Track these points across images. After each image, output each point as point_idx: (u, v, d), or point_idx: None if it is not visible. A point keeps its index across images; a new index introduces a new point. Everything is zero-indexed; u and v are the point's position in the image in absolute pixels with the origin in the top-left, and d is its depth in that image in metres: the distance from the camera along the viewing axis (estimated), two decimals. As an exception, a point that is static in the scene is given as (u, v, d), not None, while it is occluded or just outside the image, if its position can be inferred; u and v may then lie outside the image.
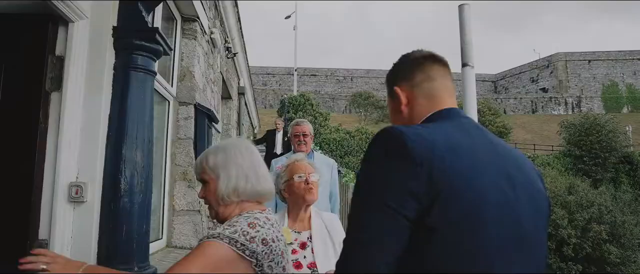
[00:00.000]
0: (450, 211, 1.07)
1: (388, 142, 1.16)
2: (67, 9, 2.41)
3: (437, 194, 1.07)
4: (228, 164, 1.68)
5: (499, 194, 1.14)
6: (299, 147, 4.22)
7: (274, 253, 1.58)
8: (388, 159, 1.13)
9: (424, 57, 1.43)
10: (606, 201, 19.56)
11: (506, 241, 1.12)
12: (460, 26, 4.65)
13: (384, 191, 1.10)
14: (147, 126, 2.67)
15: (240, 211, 1.67)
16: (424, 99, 1.38)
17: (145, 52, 2.67)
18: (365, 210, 1.13)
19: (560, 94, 66.58)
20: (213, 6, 5.98)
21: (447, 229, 1.07)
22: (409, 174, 1.08)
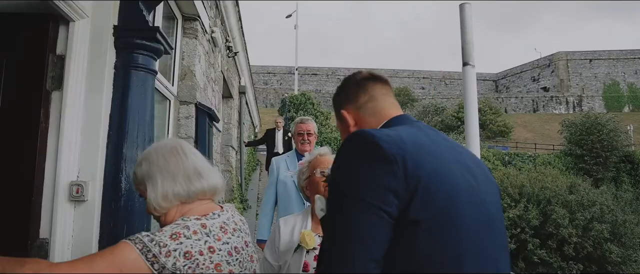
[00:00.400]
0: (430, 203, 1.14)
1: (362, 144, 1.21)
2: (68, 8, 2.41)
3: (414, 189, 1.13)
4: (151, 171, 1.60)
5: (466, 184, 1.24)
6: (302, 146, 4.07)
7: (202, 267, 1.45)
8: (365, 160, 1.17)
9: (364, 79, 1.53)
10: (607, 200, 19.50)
11: (479, 225, 1.22)
12: (461, 25, 4.64)
13: (365, 190, 1.13)
14: (148, 125, 2.67)
15: (181, 214, 1.58)
16: (371, 117, 1.47)
17: (146, 51, 2.67)
18: (349, 210, 1.15)
19: (561, 93, 66.54)
20: (214, 5, 5.97)
21: (430, 221, 1.13)
22: (387, 172, 1.14)
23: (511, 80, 76.81)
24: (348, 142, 1.26)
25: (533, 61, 74.27)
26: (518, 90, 73.51)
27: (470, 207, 1.21)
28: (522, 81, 74.68)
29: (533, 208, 18.22)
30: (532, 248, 17.44)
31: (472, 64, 4.55)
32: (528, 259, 17.69)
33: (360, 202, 1.13)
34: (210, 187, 1.65)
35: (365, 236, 1.12)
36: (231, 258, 1.55)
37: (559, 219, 17.55)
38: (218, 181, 1.70)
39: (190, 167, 1.62)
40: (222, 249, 1.53)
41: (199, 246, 1.47)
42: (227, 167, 9.85)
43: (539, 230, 17.76)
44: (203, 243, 1.48)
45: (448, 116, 48.42)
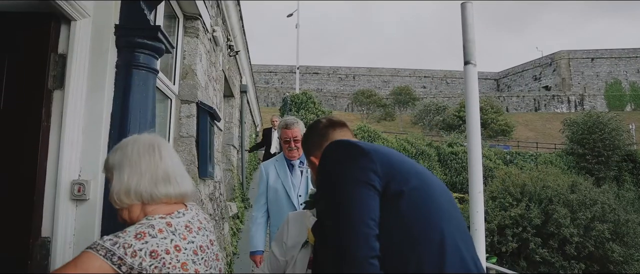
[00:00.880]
0: (407, 181, 1.46)
1: (341, 145, 1.59)
2: (69, 7, 2.41)
3: (390, 173, 1.46)
4: (123, 162, 1.58)
5: (430, 175, 1.59)
6: (289, 153, 3.70)
7: (169, 266, 1.44)
8: (348, 155, 1.51)
9: (325, 127, 1.89)
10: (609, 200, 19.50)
11: (447, 203, 1.52)
12: (463, 24, 4.64)
13: (354, 172, 1.45)
14: (149, 124, 2.67)
15: (145, 214, 1.56)
16: None
17: (148, 50, 2.67)
18: (348, 188, 1.43)
19: (563, 92, 66.46)
20: (215, 4, 5.97)
21: (410, 191, 1.44)
22: (367, 161, 1.47)
23: (513, 79, 76.72)
24: (329, 148, 1.60)
25: (535, 60, 74.16)
26: (519, 89, 73.42)
27: (439, 188, 1.55)
28: (524, 79, 74.59)
29: (535, 207, 18.22)
30: (534, 247, 17.43)
31: (474, 63, 4.55)
32: (530, 258, 17.67)
33: (353, 180, 1.43)
34: (177, 194, 1.62)
35: (363, 202, 1.39)
36: (196, 257, 1.54)
37: (560, 219, 17.54)
38: (188, 189, 1.67)
39: (160, 170, 1.60)
40: (188, 248, 1.52)
41: (165, 245, 1.46)
42: (229, 166, 9.85)
43: (540, 229, 17.74)
44: (169, 241, 1.47)
45: (449, 115, 48.42)
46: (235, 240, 7.48)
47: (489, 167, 27.10)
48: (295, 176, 3.70)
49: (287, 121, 3.74)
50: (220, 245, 5.13)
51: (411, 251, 1.37)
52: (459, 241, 1.44)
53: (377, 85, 72.04)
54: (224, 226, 5.77)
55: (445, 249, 1.38)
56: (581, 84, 67.72)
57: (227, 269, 5.43)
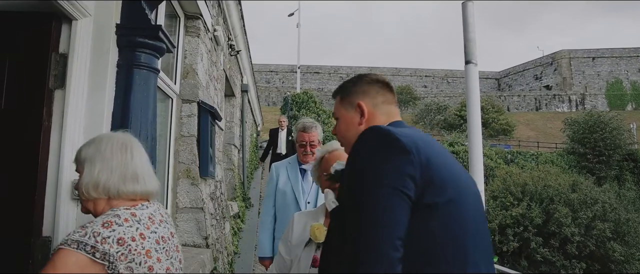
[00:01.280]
0: (443, 191, 1.29)
1: (382, 137, 1.35)
2: (70, 7, 2.41)
3: (429, 178, 1.28)
4: (95, 157, 1.65)
5: (467, 176, 1.44)
6: (304, 158, 3.56)
7: (134, 253, 1.51)
8: (385, 150, 1.31)
9: (381, 83, 1.70)
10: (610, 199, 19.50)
11: (478, 211, 1.40)
12: (464, 24, 4.64)
13: (389, 176, 1.26)
14: (150, 124, 2.67)
15: (110, 207, 1.63)
16: (383, 116, 1.63)
17: (149, 50, 2.67)
18: (373, 192, 1.26)
19: (564, 91, 66.38)
20: (216, 4, 5.97)
21: (443, 205, 1.28)
22: (405, 160, 1.28)
23: (514, 78, 76.64)
24: (367, 136, 1.38)
25: (536, 59, 74.06)
26: (520, 88, 73.31)
27: (472, 198, 1.38)
28: (525, 79, 74.49)
29: (536, 207, 18.22)
30: (535, 246, 17.43)
31: (475, 62, 4.55)
32: (531, 257, 17.68)
33: (385, 187, 1.25)
34: (143, 192, 1.70)
35: (392, 217, 1.23)
36: (159, 246, 1.63)
37: (561, 218, 17.53)
38: (153, 188, 1.74)
39: (130, 169, 1.67)
40: (151, 237, 1.61)
41: (131, 233, 1.54)
42: (230, 166, 9.86)
43: (541, 228, 17.75)
44: (134, 229, 1.55)
45: (450, 114, 48.37)
46: (237, 240, 7.48)
47: (490, 167, 27.06)
48: (307, 182, 3.52)
49: (305, 123, 3.60)
50: (221, 244, 5.14)
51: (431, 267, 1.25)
52: (480, 261, 1.34)
53: (378, 84, 71.87)
54: (225, 226, 5.77)
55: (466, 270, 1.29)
56: (582, 84, 67.63)
57: (229, 268, 5.43)
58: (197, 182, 4.30)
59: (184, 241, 4.17)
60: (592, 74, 68.28)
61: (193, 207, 4.24)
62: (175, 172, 4.30)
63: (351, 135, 1.60)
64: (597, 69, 68.35)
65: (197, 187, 4.29)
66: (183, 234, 4.18)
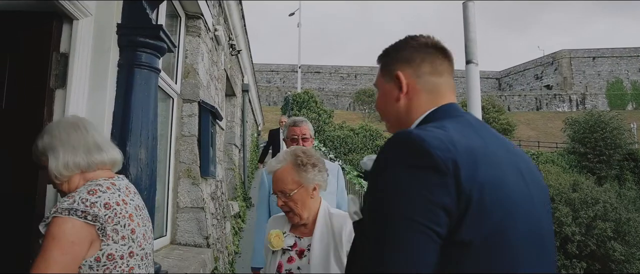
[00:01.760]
0: (482, 223, 0.99)
1: (411, 151, 1.03)
2: (71, 6, 2.41)
3: (466, 206, 0.98)
4: (53, 143, 1.73)
5: (521, 193, 1.09)
6: None
7: (119, 216, 1.65)
8: (413, 171, 1.01)
9: (434, 47, 1.30)
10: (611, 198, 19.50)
11: (532, 245, 1.07)
12: (465, 23, 4.64)
13: (416, 209, 0.98)
14: (151, 123, 2.67)
15: (85, 181, 1.73)
16: (427, 93, 1.26)
17: (149, 50, 2.67)
18: (392, 227, 1.00)
19: (564, 91, 66.39)
20: (217, 4, 5.97)
21: (481, 243, 0.99)
22: (439, 186, 0.98)
23: (514, 78, 76.64)
24: (394, 147, 1.08)
25: (536, 59, 74.08)
26: (521, 88, 73.33)
27: (525, 225, 1.06)
28: (525, 79, 74.50)
29: (536, 206, 18.20)
30: (535, 246, 17.41)
31: (476, 62, 4.55)
32: (531, 257, 17.67)
33: (410, 222, 0.98)
34: (110, 159, 1.82)
35: (415, 260, 0.98)
36: (137, 212, 1.77)
37: (562, 217, 17.54)
38: (117, 155, 1.87)
39: (90, 141, 1.77)
40: (131, 203, 1.76)
41: (115, 198, 1.68)
42: (231, 165, 9.86)
43: (542, 228, 17.74)
44: (117, 196, 1.70)
45: (451, 114, 48.24)
46: (237, 239, 7.49)
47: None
48: None
49: (295, 119, 3.48)
50: (222, 244, 5.14)
51: None
52: None
53: (378, 84, 71.92)
54: (225, 225, 5.77)
55: None
56: (583, 83, 67.63)
57: (229, 268, 5.43)
58: (198, 182, 4.30)
59: (185, 240, 4.17)
60: (592, 73, 68.28)
61: (194, 207, 4.23)
62: (176, 172, 4.30)
63: (390, 112, 1.32)
64: (597, 68, 68.35)
65: (198, 187, 4.29)
66: (184, 233, 4.18)
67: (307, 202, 2.10)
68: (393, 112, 1.31)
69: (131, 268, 1.68)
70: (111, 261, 1.61)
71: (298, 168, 2.08)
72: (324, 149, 19.57)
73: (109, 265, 1.61)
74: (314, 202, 2.14)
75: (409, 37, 1.34)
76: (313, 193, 2.12)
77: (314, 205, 2.14)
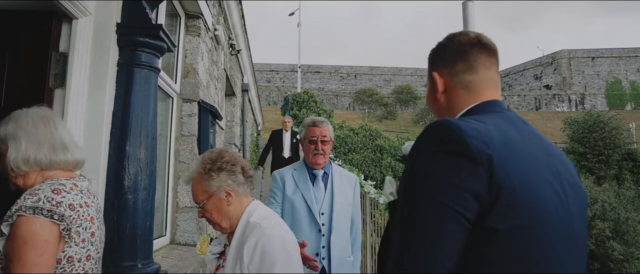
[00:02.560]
0: (511, 213, 1.02)
1: (447, 138, 1.07)
2: (71, 6, 2.41)
3: (497, 195, 1.01)
4: (17, 133, 1.65)
5: (553, 194, 1.10)
6: (314, 158, 3.00)
7: (82, 218, 1.60)
8: (447, 156, 1.05)
9: (470, 44, 1.32)
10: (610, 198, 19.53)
11: (560, 244, 1.09)
12: (464, 23, 4.64)
13: (444, 191, 1.02)
14: (150, 123, 2.67)
15: (43, 179, 1.65)
16: (463, 90, 1.30)
17: (149, 49, 2.67)
18: (423, 211, 1.03)
19: (563, 91, 66.43)
20: (217, 3, 5.97)
21: (509, 232, 1.02)
22: (470, 173, 1.02)
23: (514, 78, 76.68)
24: (430, 134, 1.11)
25: (536, 59, 74.15)
26: (521, 88, 73.38)
27: (554, 225, 1.08)
28: (525, 78, 74.56)
29: (535, 206, 18.20)
30: (534, 245, 17.41)
31: (475, 61, 4.55)
32: (530, 257, 17.68)
33: (441, 205, 1.01)
34: (74, 160, 1.74)
35: (444, 242, 1.01)
36: (97, 215, 1.74)
37: (561, 217, 17.54)
38: (80, 157, 1.78)
39: (57, 139, 1.69)
40: (92, 205, 1.71)
41: (79, 200, 1.63)
42: (230, 165, 9.82)
43: (541, 228, 17.75)
44: (80, 197, 1.64)
45: (450, 113, 48.26)
46: (236, 239, 7.47)
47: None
48: (318, 189, 3.00)
49: (314, 118, 3.10)
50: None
51: None
52: None
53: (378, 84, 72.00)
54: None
55: None
56: (582, 83, 67.68)
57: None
58: (198, 182, 4.29)
59: (185, 240, 4.17)
60: (591, 73, 68.35)
61: (193, 206, 4.23)
62: (176, 171, 4.30)
63: (433, 107, 1.39)
64: (596, 69, 68.42)
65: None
66: (183, 233, 4.18)
67: (224, 211, 1.91)
68: (435, 108, 1.37)
69: (86, 271, 1.62)
70: (70, 264, 1.56)
71: (203, 176, 1.90)
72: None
73: (67, 267, 1.55)
74: (235, 209, 1.93)
75: (448, 37, 1.38)
76: (229, 200, 1.90)
77: (234, 212, 1.92)
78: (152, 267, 2.64)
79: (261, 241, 1.76)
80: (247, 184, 1.98)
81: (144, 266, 2.55)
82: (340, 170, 3.17)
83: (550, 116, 58.41)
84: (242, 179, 1.95)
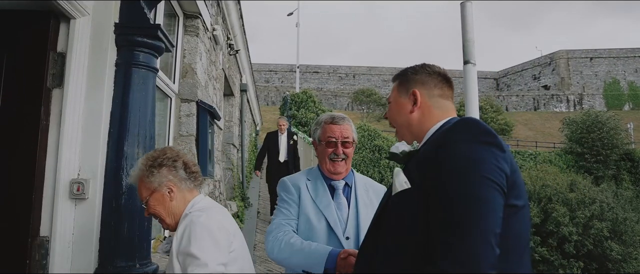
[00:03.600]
0: (521, 195, 1.32)
1: (483, 131, 1.33)
2: (69, 5, 2.40)
3: (513, 180, 1.29)
4: None
5: None
6: (334, 166, 2.32)
7: None
8: (484, 144, 1.29)
9: (445, 77, 1.65)
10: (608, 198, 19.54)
11: None
12: (462, 24, 4.64)
13: (490, 170, 1.25)
14: (149, 123, 2.66)
15: None
16: (437, 109, 1.60)
17: (147, 49, 2.66)
18: (479, 187, 1.23)
19: (562, 91, 66.51)
20: (215, 3, 5.97)
21: (521, 208, 1.32)
22: (502, 159, 1.28)
23: (512, 78, 76.75)
24: (467, 127, 1.35)
25: (534, 60, 74.23)
26: (519, 88, 73.42)
27: None
28: (523, 79, 74.62)
29: (534, 206, 18.21)
30: (533, 245, 17.43)
31: (473, 62, 4.55)
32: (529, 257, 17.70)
33: (487, 180, 1.23)
34: None
35: (493, 211, 1.22)
36: None
37: (559, 218, 17.54)
38: None
39: None
40: None
41: None
42: (229, 165, 9.84)
43: (539, 228, 17.75)
44: None
45: (449, 114, 48.28)
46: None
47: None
48: (340, 206, 2.30)
49: (333, 114, 2.44)
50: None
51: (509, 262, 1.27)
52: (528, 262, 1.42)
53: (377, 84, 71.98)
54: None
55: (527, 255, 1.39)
56: (580, 84, 67.77)
57: (227, 268, 5.42)
58: (196, 182, 4.29)
59: (183, 240, 4.16)
60: (589, 74, 68.47)
61: (191, 206, 4.22)
62: (174, 171, 4.28)
63: (401, 120, 1.65)
64: (594, 69, 68.54)
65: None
66: (181, 233, 4.17)
67: (167, 206, 1.92)
68: (404, 122, 1.64)
69: None
70: None
71: (145, 174, 1.92)
72: None
73: None
74: (178, 204, 1.94)
75: (424, 65, 1.69)
76: (171, 195, 1.91)
77: (178, 207, 1.93)
78: (150, 267, 2.63)
79: (188, 227, 1.78)
80: (191, 180, 1.99)
81: (142, 267, 2.54)
82: (364, 180, 2.49)
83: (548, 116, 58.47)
84: (183, 174, 1.96)
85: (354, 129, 2.43)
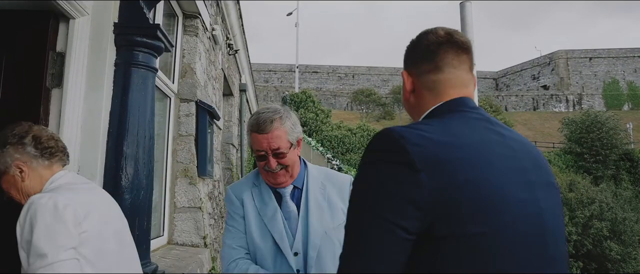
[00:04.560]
0: (464, 220, 0.98)
1: (386, 146, 1.05)
2: (68, 5, 2.40)
3: (445, 203, 0.97)
4: None
5: (516, 193, 1.05)
6: (273, 177, 1.97)
7: None
8: (386, 165, 1.02)
9: (437, 43, 1.25)
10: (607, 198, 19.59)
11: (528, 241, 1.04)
12: (462, 24, 4.65)
13: (381, 201, 1.00)
14: (148, 123, 2.67)
15: None
16: (427, 91, 1.25)
17: (147, 49, 2.67)
18: (361, 221, 1.02)
19: (561, 91, 66.57)
20: (214, 3, 5.97)
21: (463, 239, 0.97)
22: (410, 182, 0.98)
23: (511, 78, 76.81)
24: (374, 141, 1.09)
25: (533, 60, 74.30)
26: (518, 88, 73.48)
27: (518, 226, 1.02)
28: (523, 79, 74.69)
29: (533, 206, 18.25)
30: (532, 245, 17.44)
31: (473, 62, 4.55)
32: (528, 257, 17.71)
33: (377, 218, 0.99)
34: None
35: (376, 250, 0.99)
36: None
37: (558, 217, 17.59)
38: None
39: None
40: None
41: None
42: (228, 165, 9.84)
43: (538, 228, 17.80)
44: None
45: (448, 114, 48.34)
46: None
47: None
48: (289, 214, 1.99)
49: (259, 117, 1.94)
50: (220, 244, 5.13)
51: None
52: None
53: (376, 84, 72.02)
54: (223, 225, 5.76)
55: None
56: (579, 84, 67.84)
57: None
58: (195, 182, 4.30)
59: (183, 240, 4.16)
60: (589, 74, 68.53)
61: (191, 206, 4.23)
62: (173, 171, 4.29)
63: (406, 108, 1.36)
64: (594, 69, 68.60)
65: (195, 186, 4.28)
66: (181, 233, 4.18)
67: (20, 188, 1.84)
68: (407, 107, 1.34)
69: None
70: None
71: None
72: (321, 149, 19.55)
73: None
74: (33, 184, 1.83)
75: (418, 36, 1.33)
76: (23, 176, 1.81)
77: (33, 188, 1.82)
78: (149, 267, 2.63)
79: (29, 213, 1.62)
80: (44, 157, 1.81)
81: (142, 266, 2.54)
82: (322, 173, 2.13)
83: (547, 116, 58.52)
84: (33, 151, 1.79)
85: (290, 130, 1.96)
